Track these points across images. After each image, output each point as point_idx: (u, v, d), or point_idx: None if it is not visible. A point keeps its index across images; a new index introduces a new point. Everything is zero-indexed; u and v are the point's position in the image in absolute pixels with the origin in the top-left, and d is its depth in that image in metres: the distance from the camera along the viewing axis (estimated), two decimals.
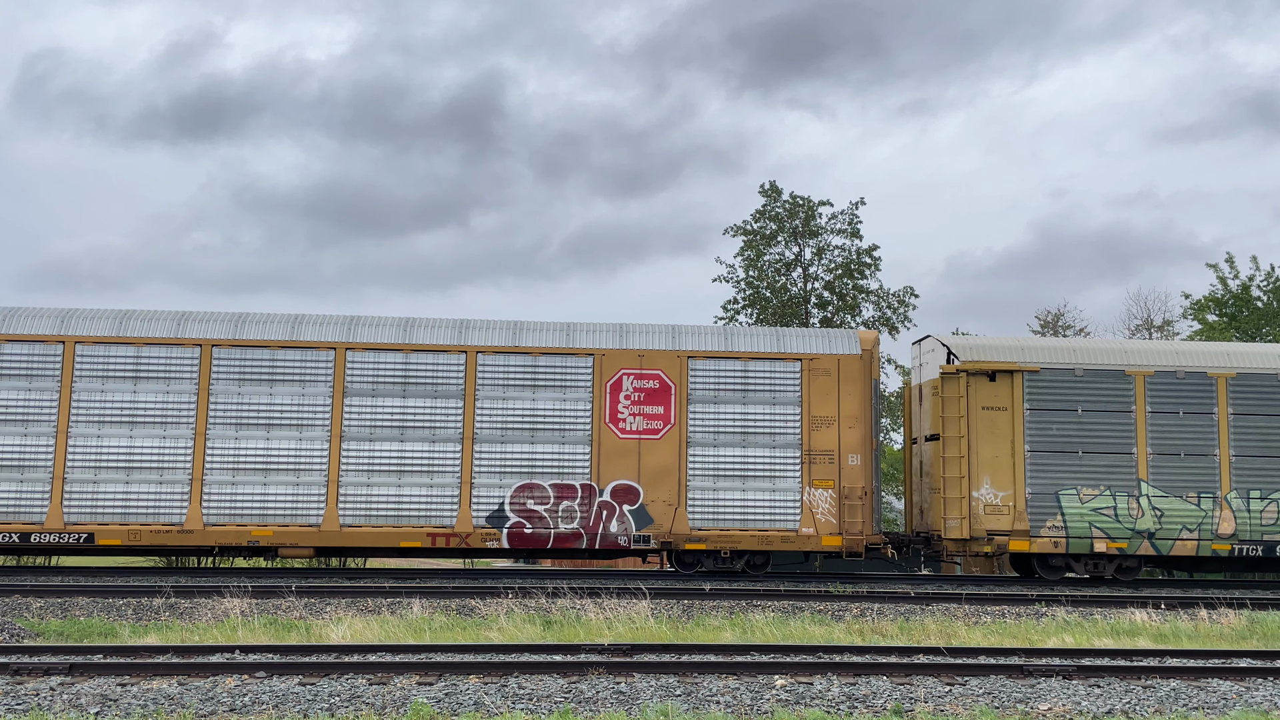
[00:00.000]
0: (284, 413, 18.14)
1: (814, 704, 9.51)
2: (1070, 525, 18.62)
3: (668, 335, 18.98)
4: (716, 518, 18.48)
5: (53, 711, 8.96)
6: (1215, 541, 18.67)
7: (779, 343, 19.07)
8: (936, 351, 19.61)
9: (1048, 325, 38.72)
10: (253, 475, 18.01)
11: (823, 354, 18.94)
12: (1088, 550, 18.62)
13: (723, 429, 18.67)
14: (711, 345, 18.95)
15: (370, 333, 18.54)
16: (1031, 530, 18.58)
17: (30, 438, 17.83)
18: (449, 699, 9.44)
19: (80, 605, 15.43)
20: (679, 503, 18.43)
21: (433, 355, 18.45)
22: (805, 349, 19.00)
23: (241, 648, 11.56)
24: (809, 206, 35.05)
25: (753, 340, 19.08)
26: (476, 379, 18.42)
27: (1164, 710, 9.58)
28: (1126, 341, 19.58)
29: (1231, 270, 32.33)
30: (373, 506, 18.06)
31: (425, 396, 18.32)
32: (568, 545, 18.25)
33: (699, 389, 18.73)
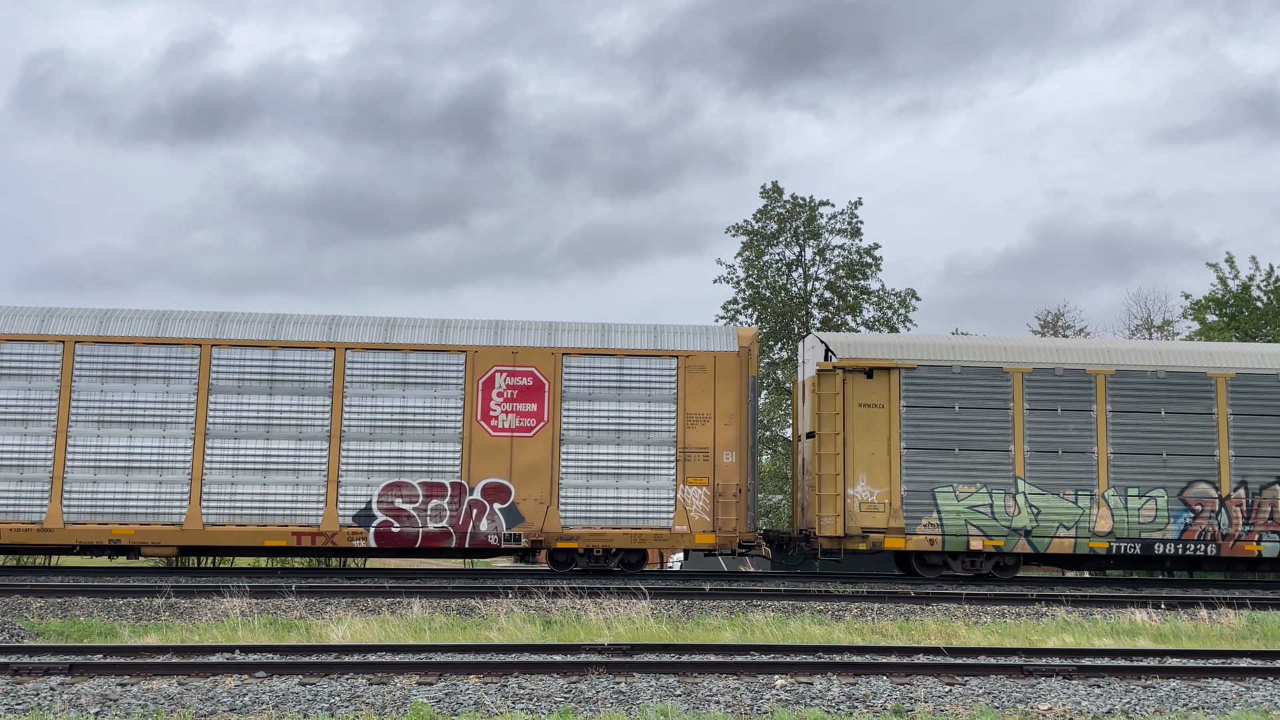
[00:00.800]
0: (147, 410, 18.01)
1: (814, 704, 9.51)
2: (946, 523, 18.53)
3: (543, 332, 18.87)
4: (589, 516, 18.40)
5: (53, 711, 8.96)
6: (1093, 539, 18.58)
7: (656, 339, 18.94)
8: (817, 349, 19.46)
9: (1048, 326, 38.72)
10: (114, 473, 17.90)
11: (699, 351, 18.83)
12: (964, 548, 18.52)
13: (597, 426, 18.57)
14: (587, 342, 18.83)
15: (237, 329, 18.42)
16: (907, 528, 18.47)
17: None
18: (449, 699, 9.44)
19: (80, 605, 15.43)
20: (551, 501, 18.32)
21: (300, 352, 18.35)
22: (682, 346, 18.87)
23: (241, 648, 11.56)
24: (810, 207, 35.07)
25: (629, 337, 18.95)
26: (345, 376, 18.32)
27: (1164, 710, 9.58)
28: (1006, 339, 19.41)
29: (1231, 270, 32.34)
30: (237, 505, 17.95)
31: (292, 394, 18.23)
32: (436, 544, 18.13)
33: (573, 386, 18.63)
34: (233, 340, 18.32)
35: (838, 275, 35.01)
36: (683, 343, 18.95)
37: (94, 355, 18.13)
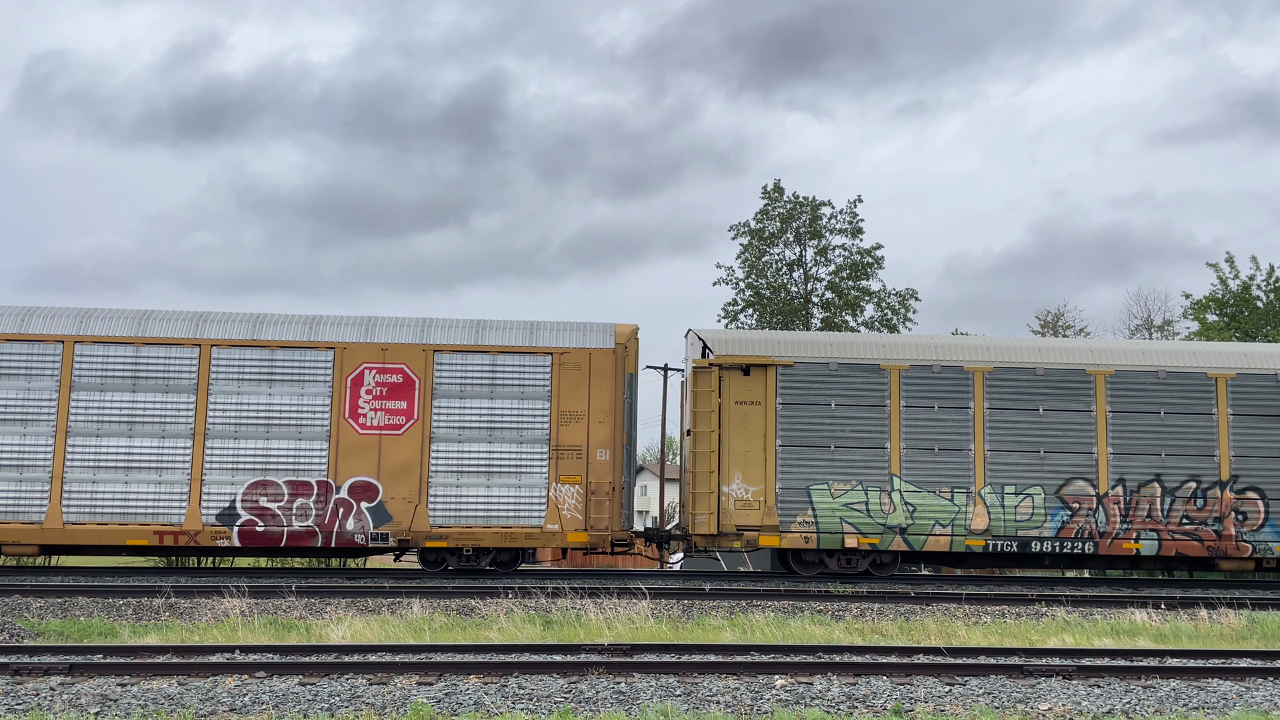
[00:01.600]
0: (8, 407, 17.90)
1: (814, 704, 9.51)
2: (821, 520, 18.39)
3: (415, 329, 18.72)
4: (459, 514, 18.26)
5: (53, 711, 8.96)
6: (969, 537, 18.46)
7: (531, 336, 18.80)
8: (695, 346, 19.25)
9: (1048, 325, 38.71)
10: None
11: (574, 348, 18.70)
12: (839, 545, 18.36)
13: (468, 424, 18.42)
14: (460, 339, 18.66)
15: (101, 325, 18.27)
16: (782, 525, 18.32)
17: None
18: (449, 699, 9.44)
19: (80, 605, 15.44)
20: (420, 499, 18.18)
21: (165, 349, 18.22)
22: (557, 343, 18.74)
23: (241, 648, 11.57)
24: (812, 206, 35.07)
25: (504, 334, 18.79)
26: (210, 373, 18.21)
27: (1164, 710, 9.58)
28: (884, 335, 19.35)
29: (1232, 270, 32.34)
30: (98, 504, 17.82)
31: (156, 391, 18.11)
32: (302, 544, 18.02)
33: (445, 383, 18.47)
34: (95, 337, 18.16)
35: (840, 275, 35.01)
36: (558, 340, 18.78)
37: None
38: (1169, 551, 18.68)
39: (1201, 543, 18.64)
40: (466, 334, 18.78)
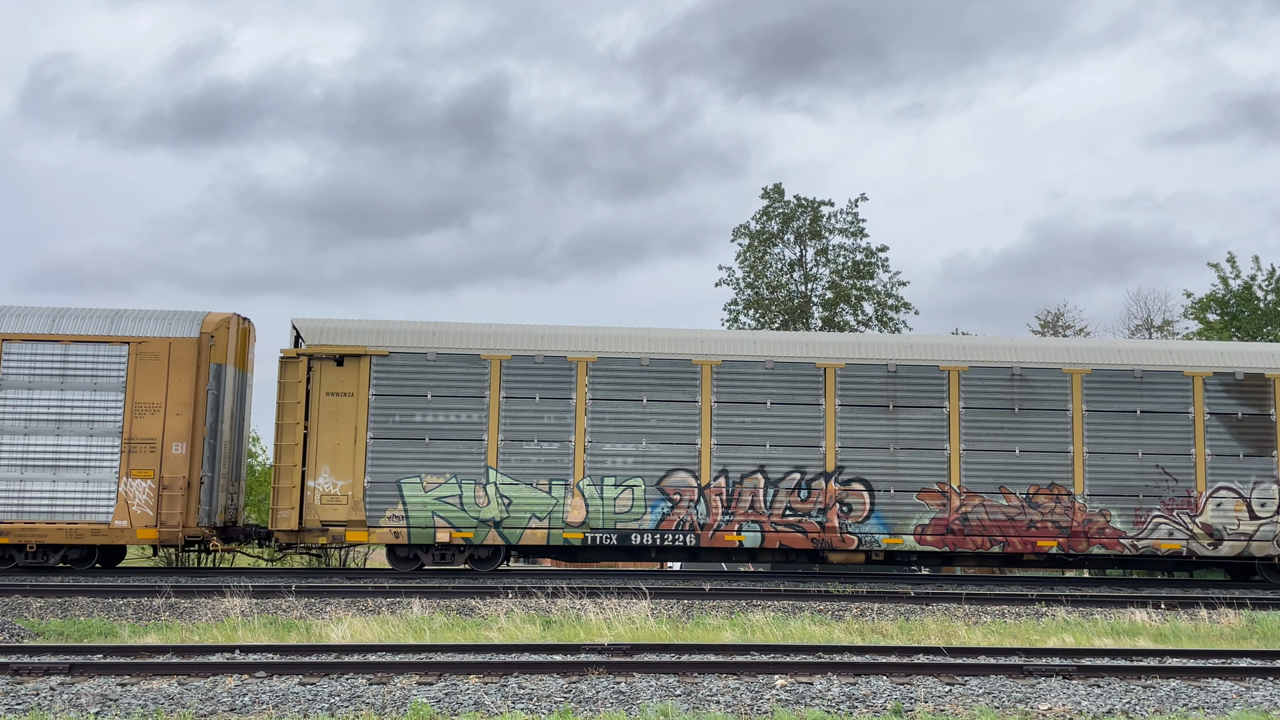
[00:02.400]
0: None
1: (814, 704, 9.51)
2: (412, 515, 18.06)
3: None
4: (22, 510, 17.83)
5: (53, 711, 8.96)
6: (566, 530, 18.18)
7: (110, 325, 18.29)
8: (292, 335, 18.90)
9: (1048, 325, 38.70)
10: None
11: (154, 337, 18.20)
12: (431, 540, 18.06)
13: (36, 417, 18.00)
14: (32, 328, 18.17)
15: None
16: (370, 520, 18.00)
17: None
18: (449, 699, 9.44)
19: (80, 605, 15.43)
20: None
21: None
22: (136, 332, 18.24)
23: (241, 648, 11.56)
24: (814, 207, 35.07)
25: (80, 323, 18.30)
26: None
27: (1164, 710, 9.58)
28: (486, 325, 18.74)
29: (1233, 270, 32.33)
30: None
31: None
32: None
33: (13, 374, 18.01)
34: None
35: (842, 276, 35.01)
36: (137, 329, 18.29)
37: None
38: (773, 544, 18.44)
39: (806, 534, 18.45)
40: (40, 323, 18.29)
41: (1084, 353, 19.29)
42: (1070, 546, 18.63)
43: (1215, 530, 18.75)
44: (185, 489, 17.97)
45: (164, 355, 18.18)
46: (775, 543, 18.44)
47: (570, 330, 19.03)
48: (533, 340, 18.69)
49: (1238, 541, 18.75)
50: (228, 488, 19.07)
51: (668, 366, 18.65)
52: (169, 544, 18.13)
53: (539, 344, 18.64)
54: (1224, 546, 18.74)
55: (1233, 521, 18.78)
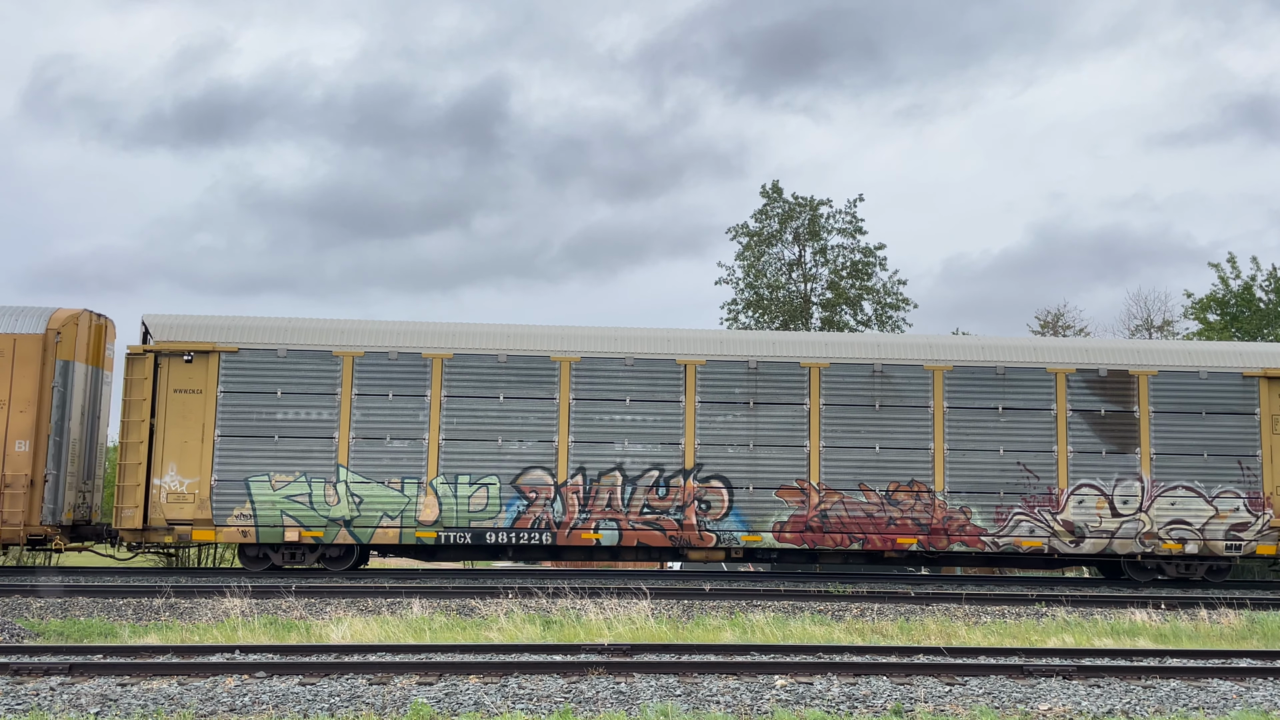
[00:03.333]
0: None
1: (814, 704, 9.51)
2: (260, 513, 17.80)
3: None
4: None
5: (53, 711, 8.96)
6: (419, 529, 17.98)
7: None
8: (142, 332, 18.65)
9: (1047, 325, 38.70)
10: None
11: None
12: (279, 539, 17.86)
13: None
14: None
15: None
16: (216, 519, 17.74)
17: None
18: (449, 699, 9.44)
19: (80, 605, 15.43)
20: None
21: None
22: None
23: (241, 648, 11.57)
24: (811, 206, 35.07)
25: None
26: None
27: (1164, 710, 9.58)
28: (339, 321, 18.50)
29: (1233, 270, 32.34)
30: None
31: None
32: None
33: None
34: None
35: (841, 275, 35.01)
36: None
37: None
38: (630, 541, 18.27)
39: (664, 532, 18.28)
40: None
41: (946, 349, 19.11)
42: (930, 544, 18.47)
43: (1077, 528, 18.59)
44: (28, 487, 17.71)
45: (8, 352, 17.90)
46: (633, 540, 18.28)
47: (425, 327, 18.81)
48: (387, 337, 18.45)
49: (1100, 539, 18.62)
50: (78, 486, 18.70)
51: (525, 363, 18.45)
52: (10, 542, 17.85)
53: (393, 340, 18.41)
54: (1086, 544, 18.60)
55: (1095, 519, 18.65)
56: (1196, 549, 18.70)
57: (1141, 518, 18.72)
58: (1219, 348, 19.62)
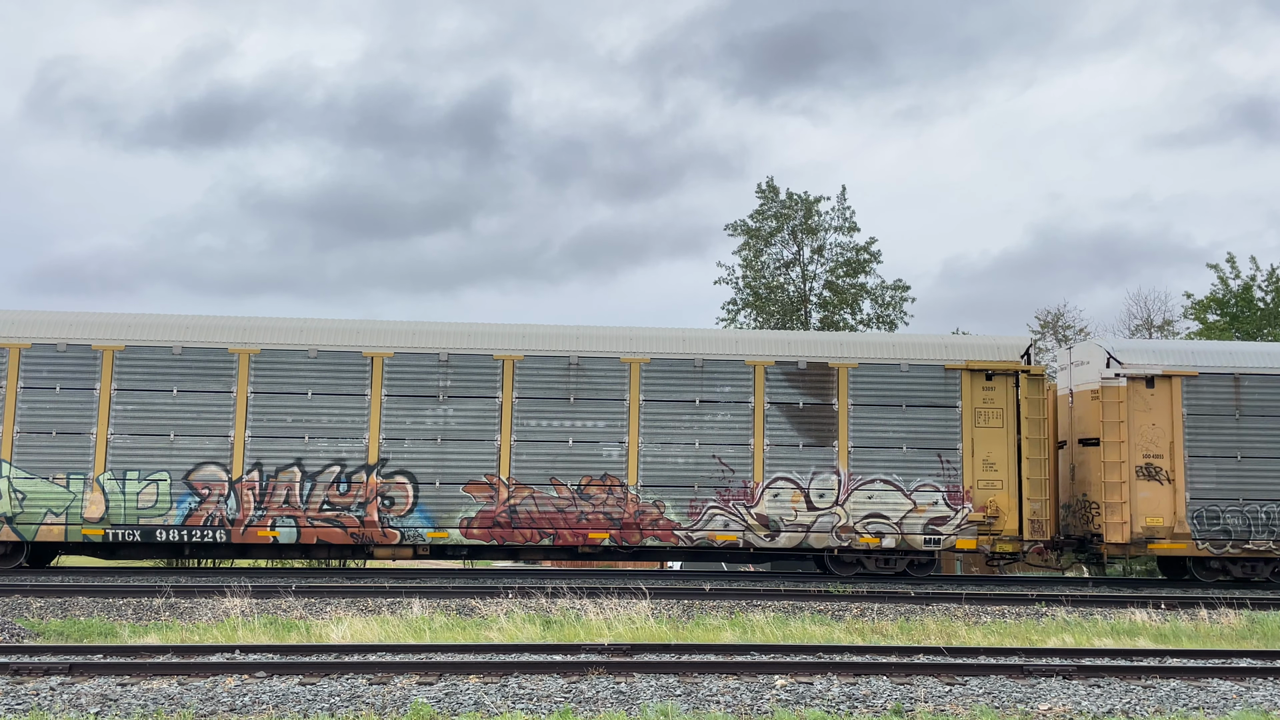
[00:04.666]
0: None
1: (814, 704, 9.51)
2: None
3: None
4: None
5: (53, 711, 8.96)
6: (85, 526, 17.53)
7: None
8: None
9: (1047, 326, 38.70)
10: None
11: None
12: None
13: None
14: None
15: None
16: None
17: None
18: (449, 699, 9.44)
19: (80, 605, 15.43)
20: None
21: None
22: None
23: (241, 648, 11.57)
24: (807, 203, 35.09)
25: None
26: None
27: (1164, 710, 9.58)
28: (6, 312, 18.15)
29: (1233, 270, 32.36)
30: None
31: None
32: None
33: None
34: None
35: (836, 275, 35.03)
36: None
37: None
38: (310, 539, 17.93)
39: (345, 530, 17.94)
40: None
41: (644, 341, 18.74)
42: (623, 538, 18.17)
43: (771, 521, 18.32)
44: None
45: None
46: (313, 538, 17.94)
47: (96, 318, 18.37)
48: (56, 328, 18.01)
49: (795, 533, 18.36)
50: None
51: (201, 356, 18.05)
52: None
53: (63, 332, 17.96)
54: (781, 538, 18.32)
55: (790, 512, 18.37)
56: (894, 543, 18.40)
57: (838, 511, 18.42)
58: (921, 340, 19.24)
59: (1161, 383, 19.04)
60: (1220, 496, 18.81)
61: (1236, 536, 18.75)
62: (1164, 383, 19.05)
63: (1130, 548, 18.74)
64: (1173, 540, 18.72)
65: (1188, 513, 18.72)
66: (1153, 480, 18.82)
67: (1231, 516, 18.79)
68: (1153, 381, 19.03)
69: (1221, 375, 19.08)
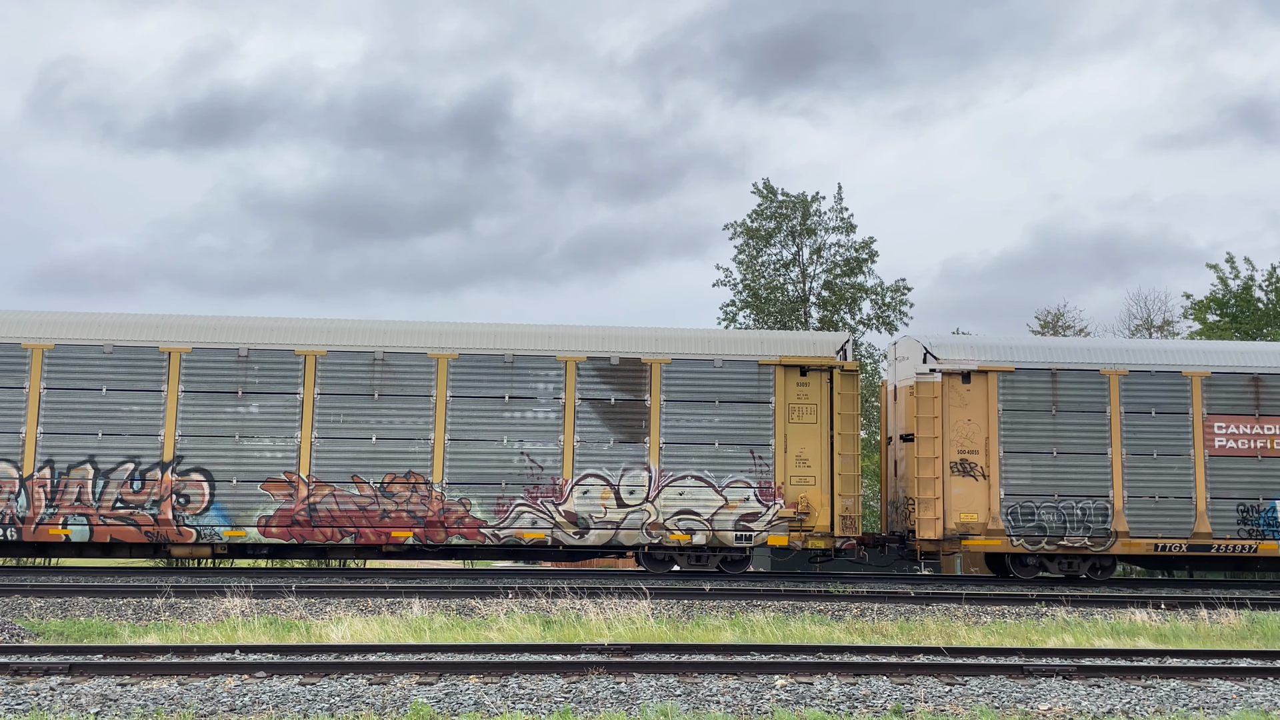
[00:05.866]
0: None
1: (814, 704, 9.51)
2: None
3: None
4: None
5: (53, 711, 8.96)
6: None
7: None
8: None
9: (1048, 326, 38.72)
10: None
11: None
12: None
13: None
14: None
15: None
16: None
17: None
18: (449, 699, 9.44)
19: (80, 605, 15.43)
20: None
21: None
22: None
23: (241, 648, 11.57)
24: (804, 203, 35.12)
25: None
26: None
27: (1164, 710, 9.58)
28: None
29: (1232, 270, 32.37)
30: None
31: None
32: None
33: None
34: None
35: (835, 274, 35.05)
36: None
37: None
38: (103, 537, 17.69)
39: (139, 527, 17.69)
40: None
41: (452, 337, 18.58)
42: (428, 537, 18.01)
43: (580, 519, 18.15)
44: None
45: None
46: (105, 536, 17.71)
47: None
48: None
49: (605, 530, 18.20)
50: None
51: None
52: None
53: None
54: (591, 535, 18.18)
55: (599, 509, 18.21)
56: (705, 540, 18.29)
57: (648, 508, 18.28)
58: (736, 336, 19.09)
59: (978, 378, 18.84)
60: (1036, 493, 18.62)
61: (1052, 533, 18.57)
62: (980, 378, 18.84)
63: (944, 544, 18.56)
64: (987, 537, 18.53)
65: (1002, 509, 18.54)
66: (967, 476, 18.63)
67: (1047, 513, 18.61)
68: (969, 377, 18.83)
69: (1039, 371, 18.87)
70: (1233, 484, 18.71)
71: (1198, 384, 18.93)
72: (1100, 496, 18.59)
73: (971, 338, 21.26)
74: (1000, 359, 18.92)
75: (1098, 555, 18.75)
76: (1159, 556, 18.87)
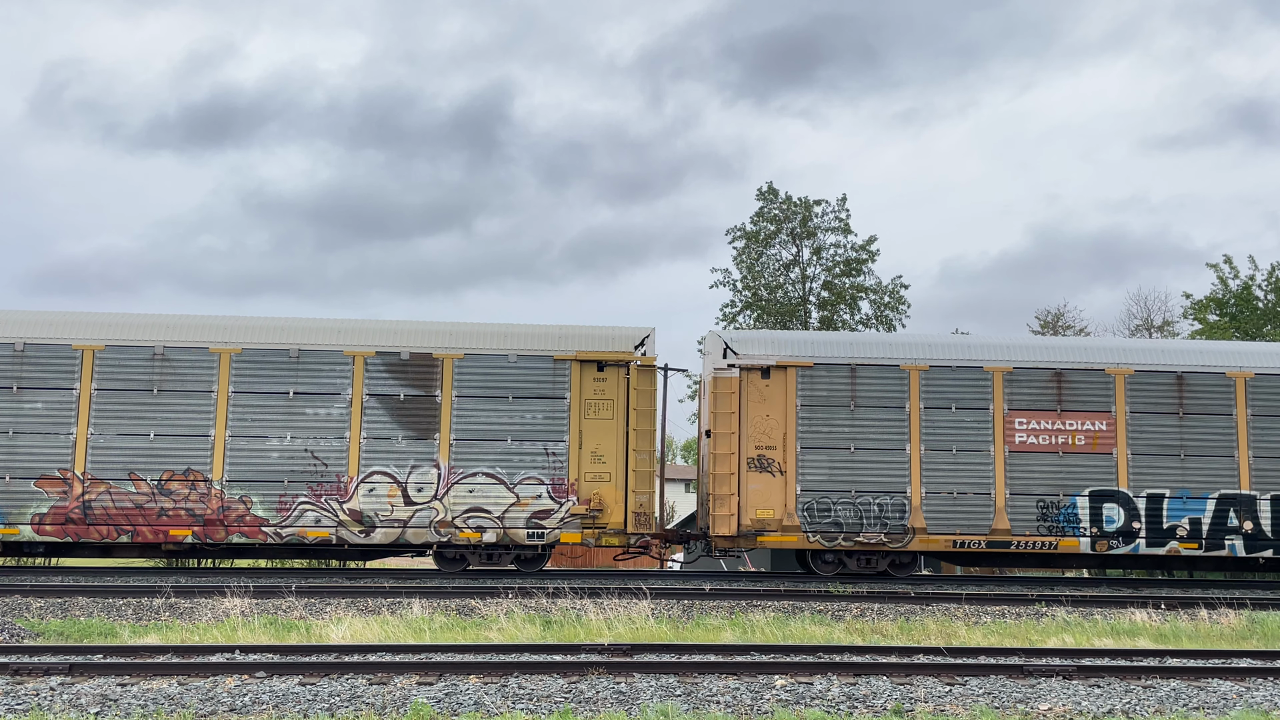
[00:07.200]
0: None
1: (814, 704, 9.51)
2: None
3: None
4: None
5: (53, 711, 8.97)
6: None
7: None
8: None
9: (1047, 326, 38.73)
10: None
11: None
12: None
13: None
14: None
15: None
16: None
17: None
18: (449, 699, 9.44)
19: (80, 605, 15.44)
20: None
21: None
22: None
23: (241, 648, 11.57)
24: (805, 206, 35.16)
25: None
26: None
27: (1164, 710, 9.58)
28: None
29: (1231, 270, 32.38)
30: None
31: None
32: None
33: None
34: None
35: (834, 274, 35.09)
36: None
37: None
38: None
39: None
40: None
41: (234, 331, 18.39)
42: (207, 535, 17.84)
43: (366, 517, 18.02)
44: None
45: None
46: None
47: None
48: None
49: (391, 528, 18.05)
50: None
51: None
52: None
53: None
54: (377, 534, 18.02)
55: (386, 507, 18.07)
56: (495, 537, 18.18)
57: (436, 506, 18.13)
58: (532, 330, 18.92)
59: (777, 373, 18.71)
60: (833, 489, 18.48)
61: (849, 529, 18.42)
62: (779, 373, 18.71)
63: (739, 540, 18.45)
64: (783, 533, 18.39)
65: (798, 505, 18.41)
66: (764, 472, 18.51)
67: (844, 509, 18.47)
68: (768, 372, 18.72)
69: (838, 366, 18.74)
70: (1033, 480, 18.56)
71: (999, 379, 18.77)
72: (898, 492, 18.46)
73: (771, 333, 21.02)
74: (799, 354, 18.80)
75: (896, 552, 18.61)
76: (959, 553, 18.73)
